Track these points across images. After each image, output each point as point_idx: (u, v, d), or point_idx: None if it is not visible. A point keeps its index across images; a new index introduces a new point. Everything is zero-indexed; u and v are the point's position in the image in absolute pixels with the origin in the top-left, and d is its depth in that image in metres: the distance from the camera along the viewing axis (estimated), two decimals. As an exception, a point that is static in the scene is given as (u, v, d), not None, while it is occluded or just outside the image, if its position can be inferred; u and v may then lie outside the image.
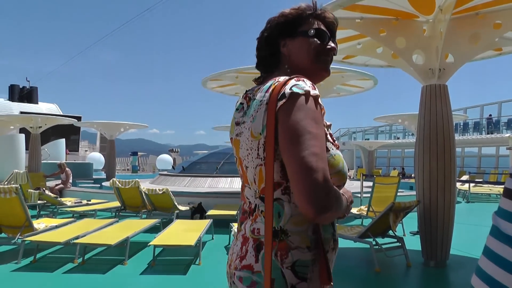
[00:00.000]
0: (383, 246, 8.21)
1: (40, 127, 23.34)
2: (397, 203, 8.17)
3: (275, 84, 1.79)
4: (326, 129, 1.83)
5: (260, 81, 2.03)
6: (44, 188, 16.22)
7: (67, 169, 18.59)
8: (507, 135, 32.94)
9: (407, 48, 9.02)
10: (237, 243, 1.92)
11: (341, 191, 1.77)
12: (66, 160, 32.33)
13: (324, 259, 1.77)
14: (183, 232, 8.93)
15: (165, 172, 23.13)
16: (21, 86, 58.30)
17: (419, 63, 9.02)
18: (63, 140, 33.20)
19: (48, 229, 9.18)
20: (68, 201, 15.04)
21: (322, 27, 2.04)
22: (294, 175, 1.62)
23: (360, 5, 8.73)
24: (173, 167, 28.80)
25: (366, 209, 12.31)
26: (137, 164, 45.14)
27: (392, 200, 10.49)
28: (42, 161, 23.40)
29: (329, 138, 1.85)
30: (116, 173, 28.43)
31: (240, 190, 2.12)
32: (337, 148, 1.88)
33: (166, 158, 44.32)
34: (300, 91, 1.70)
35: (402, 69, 9.91)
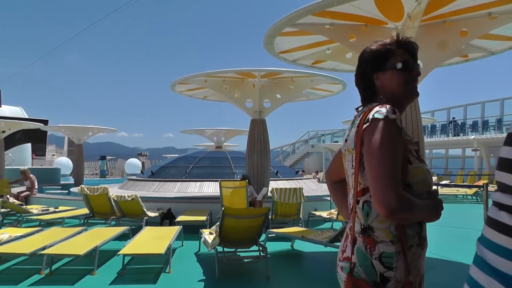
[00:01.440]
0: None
1: (3, 131, 22.84)
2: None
3: (365, 111, 2.24)
4: (411, 145, 2.25)
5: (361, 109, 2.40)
6: (8, 196, 15.82)
7: (30, 175, 18.13)
8: (472, 137, 33.48)
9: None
10: (343, 238, 2.36)
11: (424, 198, 2.18)
12: (32, 165, 31.80)
13: (404, 253, 2.11)
14: (152, 240, 8.82)
15: (134, 177, 22.95)
16: (-17, 88, 57.22)
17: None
18: (29, 144, 32.68)
19: (13, 239, 8.96)
20: (34, 208, 14.70)
21: (407, 56, 2.38)
22: (370, 183, 2.09)
23: (330, 11, 8.76)
24: (141, 171, 28.52)
25: (336, 212, 12.27)
26: (105, 168, 44.60)
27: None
28: (6, 167, 22.95)
29: (414, 153, 2.24)
30: (85, 178, 28.06)
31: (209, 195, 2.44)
32: (422, 162, 2.26)
33: (135, 162, 44.02)
34: (380, 116, 2.13)
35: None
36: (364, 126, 2.16)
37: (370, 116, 2.16)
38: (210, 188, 17.84)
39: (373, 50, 2.44)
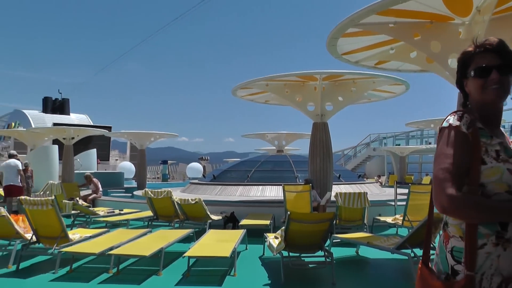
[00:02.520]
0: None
1: (72, 138, 23.57)
2: (436, 213, 7.91)
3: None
4: (491, 146, 2.29)
5: None
6: (77, 198, 16.28)
7: (94, 179, 18.59)
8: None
9: (442, 52, 8.78)
10: None
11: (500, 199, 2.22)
12: (97, 170, 32.56)
13: (469, 249, 2.19)
14: (217, 243, 8.86)
15: (196, 181, 23.17)
16: (53, 98, 59.16)
17: (455, 67, 8.76)
18: (95, 150, 33.46)
19: (83, 240, 9.21)
20: (100, 210, 15.07)
21: (486, 60, 2.37)
22: (432, 183, 2.28)
23: (394, 9, 8.55)
24: (203, 175, 28.80)
25: (402, 218, 11.91)
26: (167, 172, 45.16)
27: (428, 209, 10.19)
28: (75, 171, 23.60)
29: (493, 153, 2.28)
30: (147, 182, 28.53)
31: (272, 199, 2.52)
32: (504, 161, 2.27)
33: (196, 166, 44.36)
34: (445, 125, 2.34)
35: (436, 74, 9.68)
36: (438, 133, 2.40)
37: (441, 125, 2.38)
38: (272, 192, 17.81)
39: (459, 58, 2.53)
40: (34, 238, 8.85)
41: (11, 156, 16.37)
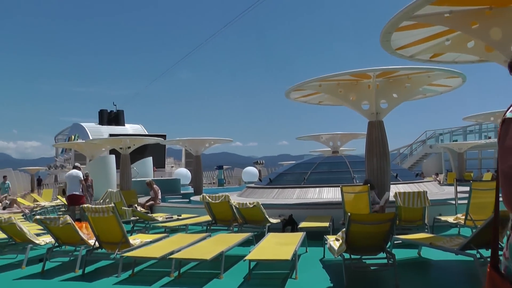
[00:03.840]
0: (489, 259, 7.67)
1: (129, 147, 23.99)
2: (503, 211, 7.59)
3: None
4: None
5: None
6: (136, 205, 16.57)
7: (155, 186, 18.91)
8: None
9: (504, 38, 8.40)
10: None
11: None
12: (153, 177, 33.03)
13: None
14: (277, 246, 8.81)
15: (253, 185, 23.17)
16: (108, 110, 60.59)
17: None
18: (150, 158, 33.94)
19: (144, 245, 9.36)
20: (159, 216, 15.26)
21: None
22: (499, 181, 1.99)
23: (450, -3, 8.25)
24: (259, 179, 28.80)
25: (464, 217, 11.49)
26: (223, 177, 45.48)
27: (492, 207, 9.81)
28: (132, 179, 24.00)
29: None
30: (203, 187, 28.74)
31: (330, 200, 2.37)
32: None
33: (251, 171, 44.46)
34: (510, 115, 2.00)
35: (497, 63, 9.32)
36: (500, 125, 2.07)
37: (505, 116, 2.06)
38: (329, 194, 17.63)
39: None
40: (97, 244, 9.08)
41: (74, 167, 16.92)
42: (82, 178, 16.29)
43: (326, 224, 11.81)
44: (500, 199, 2.07)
